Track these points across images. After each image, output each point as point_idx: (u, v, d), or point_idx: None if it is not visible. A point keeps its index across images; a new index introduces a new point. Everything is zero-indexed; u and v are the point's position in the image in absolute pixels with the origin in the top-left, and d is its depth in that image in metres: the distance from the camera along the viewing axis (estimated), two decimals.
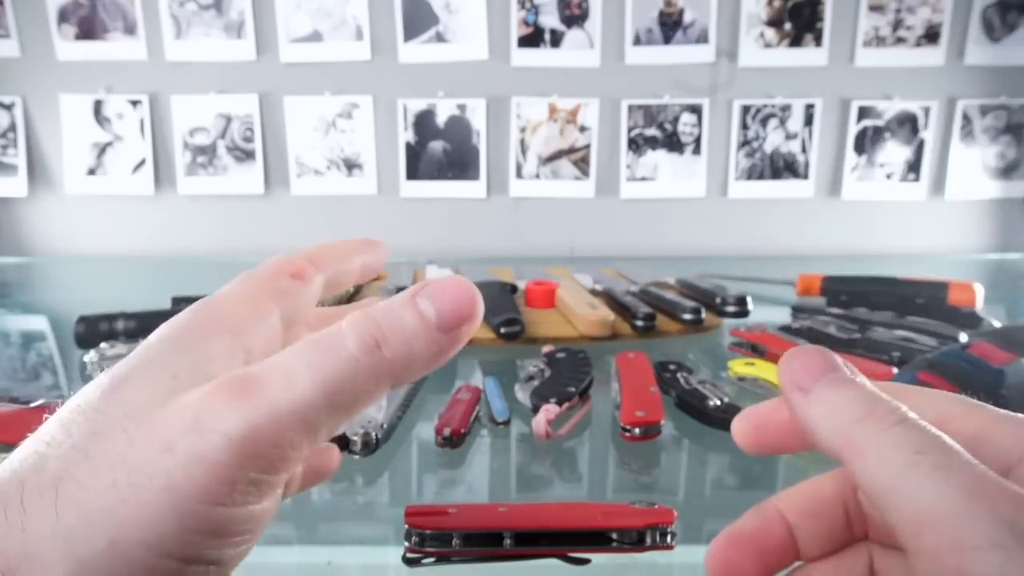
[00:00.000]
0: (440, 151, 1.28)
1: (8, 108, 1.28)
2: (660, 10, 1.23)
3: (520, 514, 0.27)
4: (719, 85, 1.26)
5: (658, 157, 1.27)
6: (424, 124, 1.27)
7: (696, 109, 1.26)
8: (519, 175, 1.29)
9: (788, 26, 1.24)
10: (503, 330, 0.67)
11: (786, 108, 1.26)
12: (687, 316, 0.73)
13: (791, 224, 1.32)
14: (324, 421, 0.19)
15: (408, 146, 1.28)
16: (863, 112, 1.26)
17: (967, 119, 1.27)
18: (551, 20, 1.23)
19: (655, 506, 0.27)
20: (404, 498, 0.45)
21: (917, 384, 0.42)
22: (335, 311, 0.25)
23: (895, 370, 0.54)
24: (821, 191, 1.30)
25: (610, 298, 0.81)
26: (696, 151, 1.27)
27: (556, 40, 1.24)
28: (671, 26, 1.23)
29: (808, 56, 1.24)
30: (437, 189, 1.29)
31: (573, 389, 0.52)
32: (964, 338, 0.62)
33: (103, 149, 1.28)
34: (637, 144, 1.27)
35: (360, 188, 1.30)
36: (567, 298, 0.76)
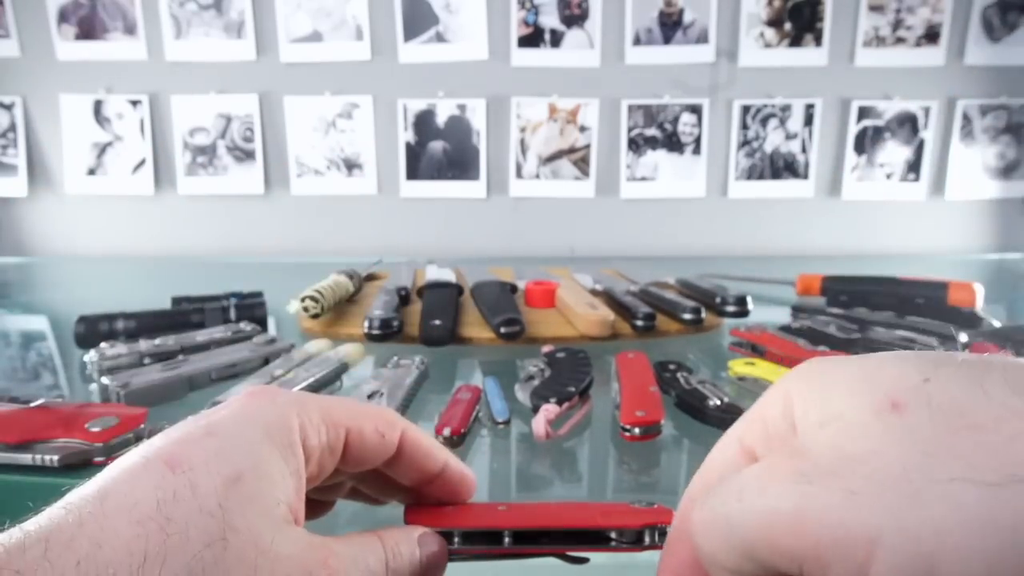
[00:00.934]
0: (440, 151, 1.28)
1: (8, 108, 1.28)
2: (660, 10, 1.23)
3: (519, 513, 0.27)
4: (719, 85, 1.26)
5: (658, 157, 1.27)
6: (424, 124, 1.27)
7: (696, 109, 1.26)
8: (519, 175, 1.29)
9: (788, 26, 1.24)
10: (503, 330, 0.67)
11: (786, 108, 1.26)
12: (687, 316, 0.73)
13: (791, 224, 1.32)
14: None
15: (408, 146, 1.28)
16: (863, 112, 1.26)
17: (967, 119, 1.27)
18: (551, 20, 1.23)
19: (654, 506, 0.27)
20: None
21: None
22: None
23: None
24: (821, 191, 1.30)
25: (610, 298, 0.81)
26: (696, 151, 1.27)
27: (556, 40, 1.24)
28: (671, 26, 1.23)
29: (808, 56, 1.24)
30: (437, 189, 1.29)
31: (573, 389, 0.52)
32: (964, 338, 0.62)
33: (103, 149, 1.28)
34: (637, 144, 1.27)
35: (360, 188, 1.30)
36: (567, 298, 0.76)
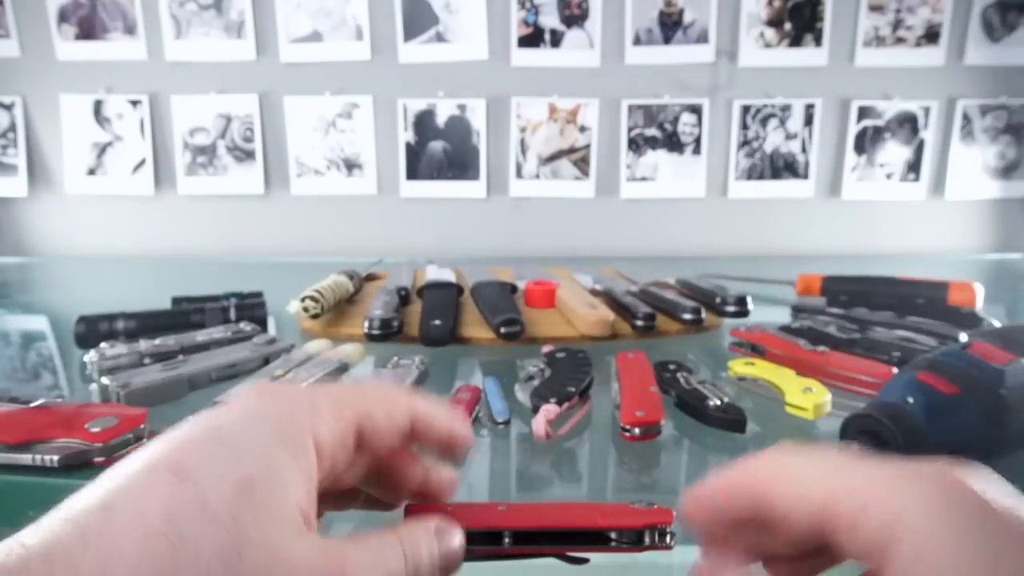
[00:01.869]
0: (440, 151, 1.28)
1: (8, 108, 1.28)
2: (660, 10, 1.23)
3: (519, 513, 0.27)
4: (719, 85, 1.26)
5: (658, 157, 1.27)
6: (424, 124, 1.27)
7: (696, 109, 1.26)
8: (519, 175, 1.29)
9: (788, 26, 1.23)
10: (503, 330, 0.67)
11: (786, 108, 1.26)
12: (687, 316, 0.73)
13: (791, 224, 1.32)
14: None
15: (408, 146, 1.28)
16: (863, 112, 1.26)
17: (967, 119, 1.27)
18: (551, 20, 1.23)
19: (654, 506, 0.27)
20: None
21: (916, 384, 0.42)
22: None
23: (895, 370, 0.54)
24: (821, 191, 1.30)
25: (610, 298, 0.81)
26: (696, 151, 1.27)
27: (556, 40, 1.24)
28: (671, 26, 1.23)
29: (808, 56, 1.24)
30: (437, 189, 1.29)
31: (573, 389, 0.52)
32: (964, 338, 0.62)
33: (103, 149, 1.28)
34: (637, 144, 1.27)
35: (360, 188, 1.30)
36: (567, 298, 0.76)
